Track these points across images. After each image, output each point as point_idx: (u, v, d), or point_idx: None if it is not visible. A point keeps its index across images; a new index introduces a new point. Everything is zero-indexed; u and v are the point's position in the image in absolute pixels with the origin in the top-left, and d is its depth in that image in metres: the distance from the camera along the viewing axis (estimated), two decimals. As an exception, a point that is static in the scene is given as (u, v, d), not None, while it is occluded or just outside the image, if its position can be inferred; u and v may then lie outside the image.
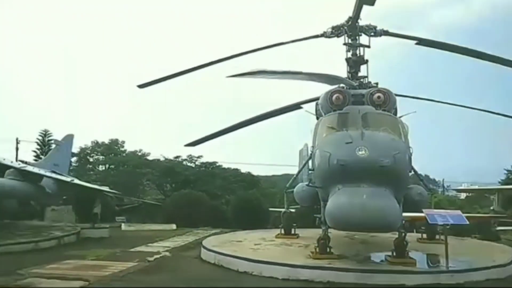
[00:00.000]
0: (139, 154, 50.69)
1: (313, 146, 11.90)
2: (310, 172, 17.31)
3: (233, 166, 48.73)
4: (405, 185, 10.89)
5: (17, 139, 37.32)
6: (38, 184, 17.39)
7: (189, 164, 46.74)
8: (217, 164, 47.37)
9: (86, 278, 9.67)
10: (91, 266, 11.43)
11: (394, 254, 10.86)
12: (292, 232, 15.75)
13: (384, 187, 9.33)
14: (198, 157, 46.10)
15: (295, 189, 14.88)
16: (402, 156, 9.78)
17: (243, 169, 49.42)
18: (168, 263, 12.54)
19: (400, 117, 12.02)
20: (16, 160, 22.34)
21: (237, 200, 29.41)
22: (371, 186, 9.27)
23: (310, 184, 12.09)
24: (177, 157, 46.48)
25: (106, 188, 22.58)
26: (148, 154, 50.08)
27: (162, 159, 46.45)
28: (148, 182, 47.84)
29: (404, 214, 11.17)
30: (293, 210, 17.51)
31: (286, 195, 16.70)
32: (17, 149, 37.08)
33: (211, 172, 46.03)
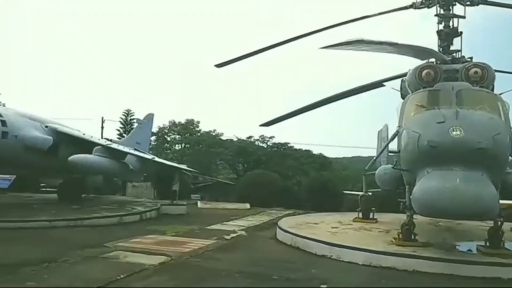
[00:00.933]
0: (213, 134, 51.96)
1: (399, 126, 11.11)
2: (390, 154, 16.42)
3: (304, 147, 48.28)
4: (503, 170, 9.83)
5: (102, 118, 39.85)
6: (122, 161, 18.25)
7: (261, 144, 47.07)
8: (289, 145, 47.18)
9: (168, 253, 9.94)
10: (171, 242, 11.76)
11: (488, 244, 9.90)
12: (371, 216, 15.12)
13: (480, 172, 8.43)
14: (270, 137, 46.27)
15: (376, 172, 14.17)
16: (502, 138, 8.75)
17: (314, 151, 48.84)
18: (244, 243, 12.59)
19: (500, 94, 10.80)
20: (102, 138, 23.66)
21: (310, 181, 29.03)
22: (466, 170, 8.41)
23: (395, 167, 11.32)
24: (250, 137, 46.98)
25: (184, 166, 23.28)
26: (222, 134, 51.17)
27: (235, 139, 47.22)
28: (221, 161, 49.04)
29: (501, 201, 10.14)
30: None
31: (365, 177, 16.00)
32: (102, 127, 39.63)
33: (283, 152, 45.97)
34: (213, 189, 35.43)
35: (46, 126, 17.14)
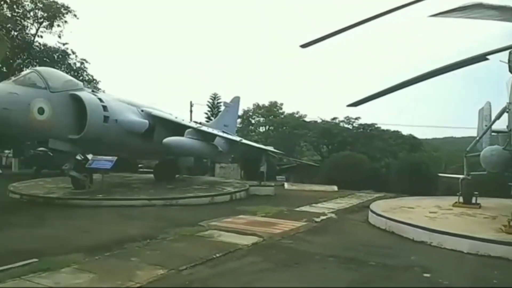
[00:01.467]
0: (297, 115, 51.67)
1: (509, 103, 9.96)
2: (493, 134, 14.91)
3: (392, 128, 46.09)
4: None
5: (190, 102, 41.25)
6: (212, 143, 18.74)
7: (346, 125, 45.82)
8: (376, 126, 45.35)
9: (260, 234, 10.00)
10: (262, 223, 11.83)
11: None
12: (473, 201, 13.93)
13: None
14: (356, 118, 44.84)
15: (481, 153, 12.96)
16: None
17: (403, 131, 46.43)
18: (335, 226, 12.29)
19: None
20: (191, 121, 24.54)
21: (401, 163, 27.66)
22: None
23: (506, 148, 10.21)
24: (334, 118, 45.95)
25: (270, 148, 23.39)
26: (305, 116, 50.73)
27: (319, 120, 46.49)
28: (305, 143, 48.70)
29: None
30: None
31: (466, 159, 14.73)
32: (191, 111, 41.05)
33: (370, 134, 44.34)
34: (298, 170, 35.34)
35: (142, 110, 18.10)
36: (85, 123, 14.87)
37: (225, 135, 20.39)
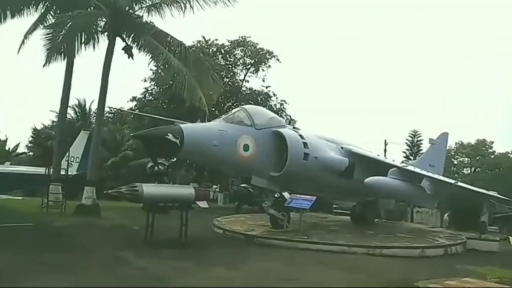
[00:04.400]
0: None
1: None
2: None
3: None
4: None
5: (385, 141, 39.61)
6: (419, 185, 16.48)
7: None
8: None
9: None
10: (499, 292, 9.09)
11: None
12: None
13: None
14: None
15: None
16: None
17: None
18: None
19: None
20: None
21: None
22: None
23: None
24: None
25: (494, 193, 19.46)
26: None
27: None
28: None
29: None
30: None
31: None
32: (385, 150, 39.13)
33: None
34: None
35: (342, 148, 17.15)
36: (285, 160, 14.64)
37: (436, 176, 17.74)
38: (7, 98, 75.16)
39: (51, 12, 21.77)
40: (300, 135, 15.56)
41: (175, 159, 16.85)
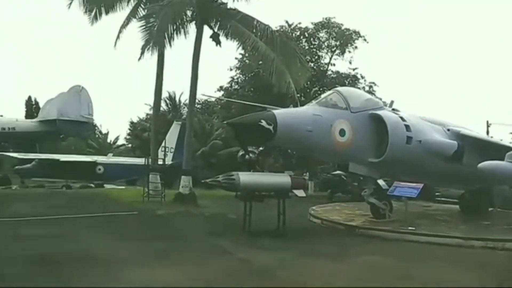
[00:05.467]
0: None
1: None
2: None
3: None
4: None
5: (487, 122, 36.06)
6: None
7: None
8: None
9: None
10: None
11: None
12: None
13: None
14: None
15: None
16: None
17: None
18: None
19: None
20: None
21: None
22: None
23: None
24: None
25: None
26: None
27: None
28: None
29: None
30: None
31: None
32: (487, 132, 35.50)
33: None
34: None
35: (448, 130, 15.49)
36: (386, 145, 13.52)
37: None
38: (106, 92, 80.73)
39: (141, 5, 22.47)
40: (401, 117, 14.28)
41: (263, 147, 16.51)
